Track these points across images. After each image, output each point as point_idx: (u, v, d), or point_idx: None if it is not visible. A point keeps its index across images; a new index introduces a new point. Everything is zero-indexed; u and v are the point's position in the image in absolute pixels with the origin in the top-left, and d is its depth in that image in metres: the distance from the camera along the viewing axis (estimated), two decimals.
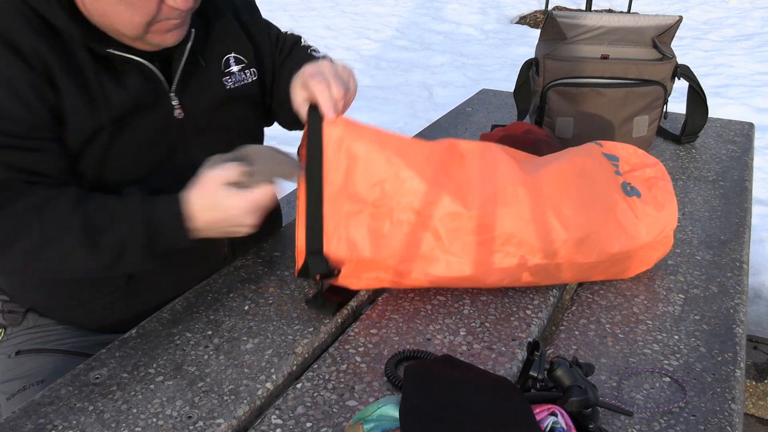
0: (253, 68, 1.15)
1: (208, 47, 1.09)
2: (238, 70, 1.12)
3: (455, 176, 0.96)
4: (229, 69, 1.11)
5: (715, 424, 0.80)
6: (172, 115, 1.03)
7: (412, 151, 0.96)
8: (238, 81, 1.12)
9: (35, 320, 1.14)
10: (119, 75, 0.97)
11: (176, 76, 1.02)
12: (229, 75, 1.11)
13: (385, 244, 0.93)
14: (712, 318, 1.01)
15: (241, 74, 1.12)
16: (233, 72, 1.11)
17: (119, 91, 0.96)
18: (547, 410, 0.69)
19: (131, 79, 0.98)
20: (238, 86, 1.12)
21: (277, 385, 0.87)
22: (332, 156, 0.92)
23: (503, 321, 0.98)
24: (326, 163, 0.91)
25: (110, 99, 0.95)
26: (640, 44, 1.54)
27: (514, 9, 6.62)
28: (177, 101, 1.03)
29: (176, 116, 1.03)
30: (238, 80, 1.12)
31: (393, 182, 0.93)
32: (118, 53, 0.95)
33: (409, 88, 4.49)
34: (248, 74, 1.14)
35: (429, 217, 0.93)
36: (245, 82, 1.13)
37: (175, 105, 1.03)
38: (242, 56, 1.13)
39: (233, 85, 1.11)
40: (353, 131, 0.93)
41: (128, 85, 0.97)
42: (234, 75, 1.11)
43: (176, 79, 1.02)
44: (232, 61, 1.12)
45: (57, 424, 0.78)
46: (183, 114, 1.04)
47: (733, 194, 1.41)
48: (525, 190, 0.98)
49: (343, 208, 0.91)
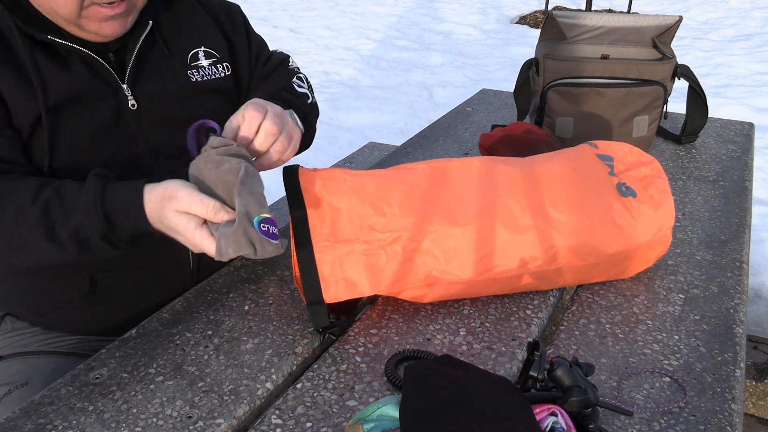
0: (226, 63, 1.16)
1: (174, 40, 1.09)
2: (208, 64, 1.13)
3: (441, 197, 0.97)
4: (197, 63, 1.12)
5: (715, 424, 0.80)
6: (125, 105, 1.03)
7: (391, 187, 0.96)
8: (208, 75, 1.12)
9: (13, 323, 1.14)
10: (63, 63, 0.97)
11: (129, 67, 1.03)
12: (197, 68, 1.12)
13: (384, 278, 0.93)
14: (712, 318, 1.01)
15: (211, 68, 1.13)
16: (202, 66, 1.12)
17: (60, 77, 0.96)
18: (547, 410, 0.69)
19: (75, 67, 0.98)
20: (206, 80, 1.12)
21: (277, 385, 0.87)
22: (315, 211, 0.93)
23: (503, 321, 0.98)
24: (311, 217, 0.92)
25: (48, 85, 0.95)
26: (640, 44, 1.54)
27: (514, 9, 6.62)
28: (130, 92, 1.03)
29: (130, 107, 1.04)
30: (208, 74, 1.12)
31: (379, 218, 0.93)
32: (59, 41, 0.95)
33: (409, 88, 4.49)
34: (220, 69, 1.15)
35: (422, 242, 0.94)
36: (216, 77, 1.14)
37: (128, 95, 1.03)
38: (213, 51, 1.14)
39: (200, 78, 1.11)
40: (330, 187, 0.95)
41: (71, 72, 0.98)
42: (203, 69, 1.12)
43: (129, 70, 1.03)
44: (202, 55, 1.12)
45: (57, 424, 0.78)
46: (137, 105, 1.04)
47: (733, 194, 1.41)
48: (516, 201, 0.98)
49: (336, 251, 0.91)
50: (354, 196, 0.94)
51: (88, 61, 0.99)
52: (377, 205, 0.94)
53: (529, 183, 1.01)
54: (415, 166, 1.02)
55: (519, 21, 6.34)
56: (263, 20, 6.17)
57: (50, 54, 0.96)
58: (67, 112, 0.97)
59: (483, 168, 1.02)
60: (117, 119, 1.03)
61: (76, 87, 0.98)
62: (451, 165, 1.02)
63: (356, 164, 2.27)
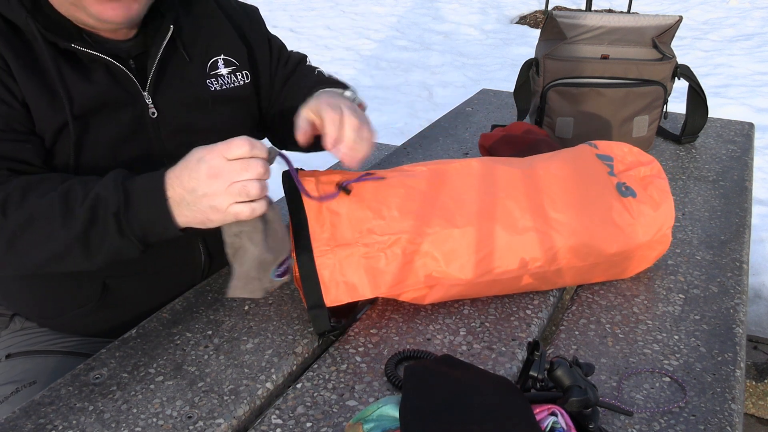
0: (246, 71, 1.14)
1: (195, 45, 1.08)
2: (227, 72, 1.11)
3: (440, 199, 0.97)
4: (216, 71, 1.10)
5: (715, 424, 0.80)
6: (146, 113, 1.02)
7: (390, 191, 0.96)
8: (227, 84, 1.11)
9: (22, 323, 1.14)
10: (86, 71, 0.96)
11: (150, 75, 1.01)
12: (216, 77, 1.10)
13: (384, 281, 0.93)
14: (712, 318, 1.01)
15: (230, 77, 1.11)
16: (221, 74, 1.10)
17: (84, 86, 0.95)
18: (547, 410, 0.69)
19: (98, 75, 0.97)
20: (225, 89, 1.10)
21: (277, 385, 0.87)
22: (315, 216, 0.92)
23: (503, 321, 0.98)
24: (311, 222, 0.92)
25: (73, 94, 0.94)
26: (640, 44, 1.54)
27: (514, 9, 6.62)
28: (150, 100, 1.02)
29: (150, 115, 1.02)
30: (227, 83, 1.11)
31: (378, 222, 0.93)
32: (82, 49, 0.94)
33: (409, 88, 4.49)
34: (239, 77, 1.13)
35: (422, 244, 0.93)
36: (235, 85, 1.12)
37: (148, 104, 1.02)
38: (233, 58, 1.12)
39: (219, 87, 1.10)
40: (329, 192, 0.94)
41: (94, 81, 0.97)
42: (222, 77, 1.10)
43: (150, 78, 1.01)
44: (221, 63, 1.11)
45: (57, 424, 0.78)
46: (157, 113, 1.03)
47: (733, 194, 1.41)
48: (515, 202, 0.98)
49: (336, 255, 0.91)
50: (353, 200, 0.94)
51: (110, 69, 0.98)
52: (376, 209, 0.94)
53: (528, 184, 1.01)
54: (413, 169, 1.01)
55: (519, 21, 6.34)
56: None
57: (73, 62, 0.95)
58: (91, 121, 0.97)
59: (482, 169, 1.02)
60: (137, 127, 1.01)
61: (98, 95, 0.97)
62: (450, 167, 1.02)
63: None
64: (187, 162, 0.85)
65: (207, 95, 1.08)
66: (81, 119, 0.95)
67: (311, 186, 0.95)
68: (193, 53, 1.08)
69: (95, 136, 0.97)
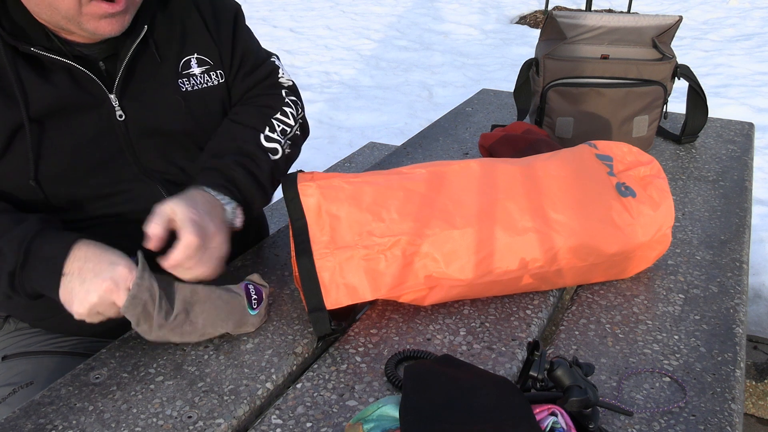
0: (220, 70, 1.12)
1: (167, 44, 1.06)
2: (200, 72, 1.09)
3: (439, 201, 0.97)
4: (188, 71, 1.08)
5: (715, 424, 0.80)
6: (113, 116, 1.01)
7: (389, 194, 0.96)
8: (199, 84, 1.09)
9: (16, 324, 1.14)
10: (46, 74, 0.95)
11: (118, 77, 1.00)
12: (188, 77, 1.08)
13: (384, 282, 0.93)
14: (712, 318, 1.01)
15: (203, 76, 1.10)
16: (194, 74, 1.08)
17: (43, 89, 0.94)
18: (547, 410, 0.69)
19: (58, 78, 0.96)
20: (198, 89, 1.09)
21: (277, 385, 0.87)
22: (315, 220, 0.93)
23: (503, 321, 0.98)
24: (310, 226, 0.92)
25: (30, 97, 0.94)
26: (640, 44, 1.54)
27: (514, 9, 6.62)
28: (117, 102, 1.01)
29: (118, 117, 1.01)
30: (199, 83, 1.09)
31: (378, 224, 0.93)
32: (42, 53, 0.93)
33: (409, 88, 4.49)
34: (213, 77, 1.11)
35: (422, 246, 0.94)
36: (208, 85, 1.10)
37: (115, 106, 1.01)
38: (207, 58, 1.10)
39: (191, 87, 1.08)
40: (329, 195, 0.94)
41: (54, 84, 0.96)
42: (194, 77, 1.09)
43: (118, 80, 1.00)
44: (194, 62, 1.09)
45: (57, 424, 0.78)
46: (125, 116, 1.02)
47: (733, 194, 1.41)
48: (515, 203, 0.98)
49: (336, 258, 0.91)
50: (352, 203, 0.94)
51: (73, 73, 0.97)
52: (376, 212, 0.94)
53: (527, 184, 1.01)
54: (412, 171, 1.01)
55: (519, 21, 6.34)
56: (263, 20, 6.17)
57: (33, 65, 0.94)
58: (49, 124, 0.96)
59: (481, 170, 1.02)
60: (104, 130, 1.00)
61: (58, 99, 0.96)
62: (449, 168, 1.02)
63: (356, 164, 2.27)
64: (102, 250, 0.87)
65: (179, 95, 1.07)
66: (38, 122, 0.95)
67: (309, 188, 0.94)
68: (166, 53, 1.06)
69: (56, 140, 0.97)
